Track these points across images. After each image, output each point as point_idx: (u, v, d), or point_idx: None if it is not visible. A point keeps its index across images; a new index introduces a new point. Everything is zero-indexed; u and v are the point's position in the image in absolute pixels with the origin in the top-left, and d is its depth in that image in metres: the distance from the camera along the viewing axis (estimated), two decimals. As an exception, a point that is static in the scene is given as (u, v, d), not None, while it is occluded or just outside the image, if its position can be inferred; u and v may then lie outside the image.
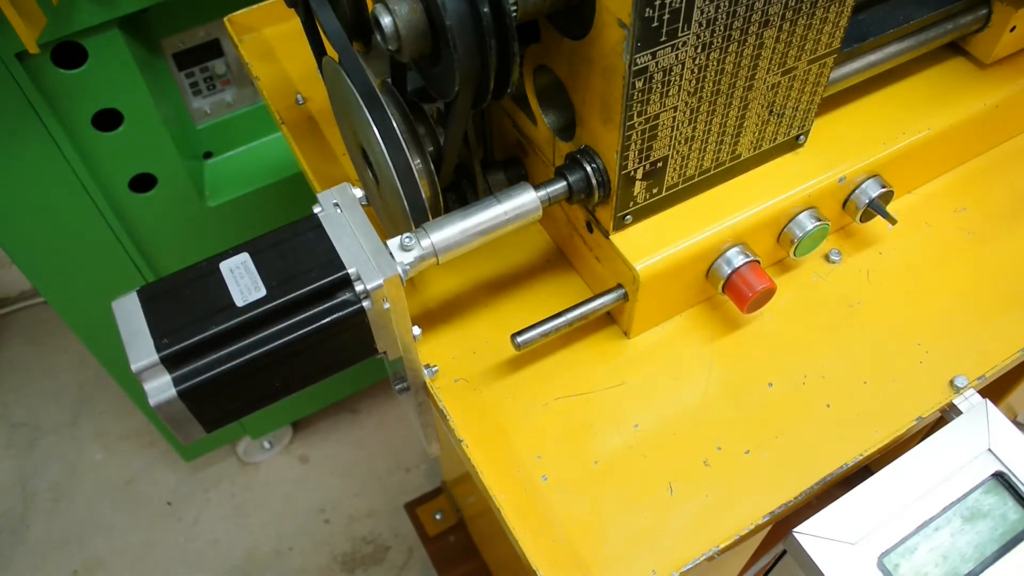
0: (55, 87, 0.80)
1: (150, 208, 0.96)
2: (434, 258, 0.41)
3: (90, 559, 1.40)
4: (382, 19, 0.37)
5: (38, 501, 1.47)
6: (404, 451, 1.50)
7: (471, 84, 0.38)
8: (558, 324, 0.46)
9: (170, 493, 1.47)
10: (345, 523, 1.43)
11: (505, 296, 0.52)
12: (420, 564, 1.37)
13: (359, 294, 0.38)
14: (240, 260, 0.38)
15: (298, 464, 1.50)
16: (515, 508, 0.42)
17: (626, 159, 0.41)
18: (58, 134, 0.82)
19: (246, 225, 1.04)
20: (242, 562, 1.40)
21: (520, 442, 0.45)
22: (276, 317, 0.37)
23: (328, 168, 0.60)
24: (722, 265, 0.47)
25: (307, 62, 0.64)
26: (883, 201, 0.50)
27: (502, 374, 0.48)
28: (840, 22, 0.43)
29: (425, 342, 0.49)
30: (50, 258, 0.94)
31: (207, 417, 0.38)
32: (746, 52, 0.40)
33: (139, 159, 0.91)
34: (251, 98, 1.00)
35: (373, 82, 0.42)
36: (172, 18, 0.87)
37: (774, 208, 0.47)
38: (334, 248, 0.38)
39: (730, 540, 0.41)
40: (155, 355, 0.35)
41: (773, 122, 0.46)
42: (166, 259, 1.04)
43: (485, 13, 0.35)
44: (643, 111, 0.39)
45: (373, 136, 0.41)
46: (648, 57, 0.37)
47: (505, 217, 0.43)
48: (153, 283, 0.38)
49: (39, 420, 1.56)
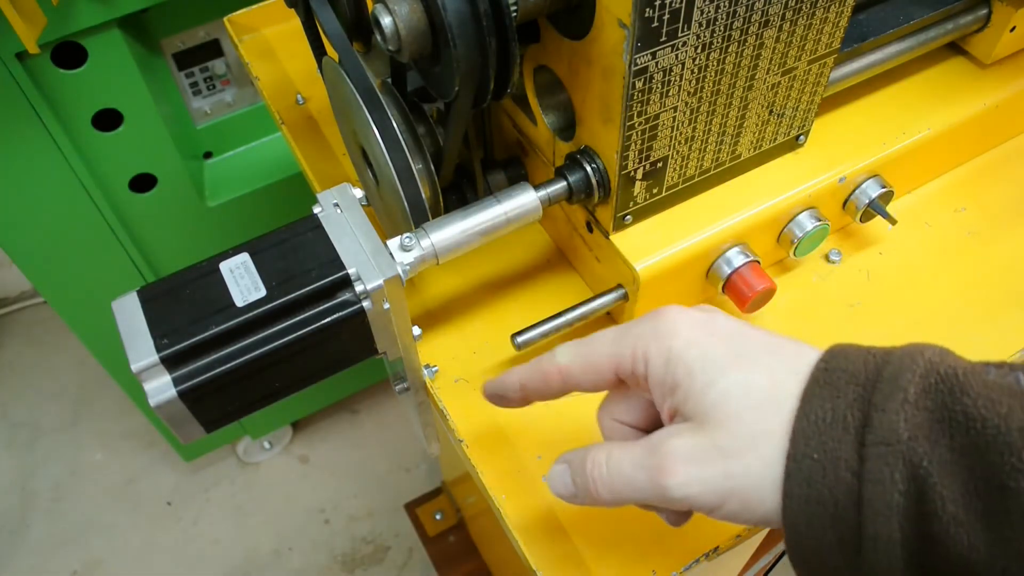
0: (55, 87, 0.80)
1: (150, 208, 0.96)
2: (434, 258, 0.41)
3: (90, 559, 1.40)
4: (382, 19, 0.37)
5: (38, 501, 1.47)
6: (404, 451, 1.50)
7: (471, 84, 0.38)
8: (558, 324, 0.46)
9: (170, 493, 1.47)
10: (345, 523, 1.43)
11: (505, 296, 0.52)
12: (420, 564, 1.37)
13: (359, 294, 0.38)
14: (240, 260, 0.38)
15: (298, 464, 1.50)
16: (515, 508, 0.42)
17: (626, 159, 0.41)
18: (58, 134, 0.82)
19: (246, 225, 1.04)
20: (242, 562, 1.40)
21: (520, 442, 0.45)
22: (276, 317, 0.37)
23: (328, 168, 0.60)
24: (722, 265, 0.47)
25: (307, 62, 0.64)
26: (883, 201, 0.50)
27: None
28: (840, 22, 0.43)
29: (425, 342, 0.49)
30: (50, 258, 0.94)
31: (207, 417, 0.38)
32: (746, 52, 0.40)
33: (139, 159, 0.91)
34: (251, 98, 1.00)
35: (373, 82, 0.42)
36: (172, 18, 0.87)
37: (774, 208, 0.47)
38: (334, 248, 0.38)
39: (730, 540, 0.41)
40: (155, 355, 0.35)
41: (773, 122, 0.46)
42: (166, 259, 1.04)
43: (485, 13, 0.35)
44: (643, 111, 0.39)
45: (373, 136, 0.41)
46: (648, 57, 0.37)
47: (505, 217, 0.43)
48: (153, 283, 0.38)
49: (39, 420, 1.56)
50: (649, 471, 0.30)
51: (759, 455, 0.29)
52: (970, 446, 0.26)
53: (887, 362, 0.28)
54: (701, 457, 0.30)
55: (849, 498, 0.27)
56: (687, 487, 0.30)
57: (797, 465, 0.28)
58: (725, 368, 0.30)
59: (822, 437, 0.28)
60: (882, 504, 0.26)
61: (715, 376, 0.30)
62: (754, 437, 0.29)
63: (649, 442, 0.31)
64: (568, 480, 0.34)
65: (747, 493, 0.29)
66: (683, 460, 0.30)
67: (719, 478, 0.29)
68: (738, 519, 0.30)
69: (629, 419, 0.36)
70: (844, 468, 0.27)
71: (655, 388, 0.32)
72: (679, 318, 0.32)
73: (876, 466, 0.26)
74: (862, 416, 0.27)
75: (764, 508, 0.29)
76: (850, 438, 0.27)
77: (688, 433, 0.30)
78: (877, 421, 0.27)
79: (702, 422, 0.30)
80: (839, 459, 0.27)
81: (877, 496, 0.26)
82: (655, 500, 0.31)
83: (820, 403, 0.28)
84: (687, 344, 0.31)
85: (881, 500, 0.26)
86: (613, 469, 0.32)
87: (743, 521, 0.30)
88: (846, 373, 0.29)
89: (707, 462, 0.29)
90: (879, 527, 0.26)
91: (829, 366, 0.29)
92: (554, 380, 0.35)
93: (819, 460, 0.28)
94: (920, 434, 0.26)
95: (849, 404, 0.28)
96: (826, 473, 0.27)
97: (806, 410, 0.28)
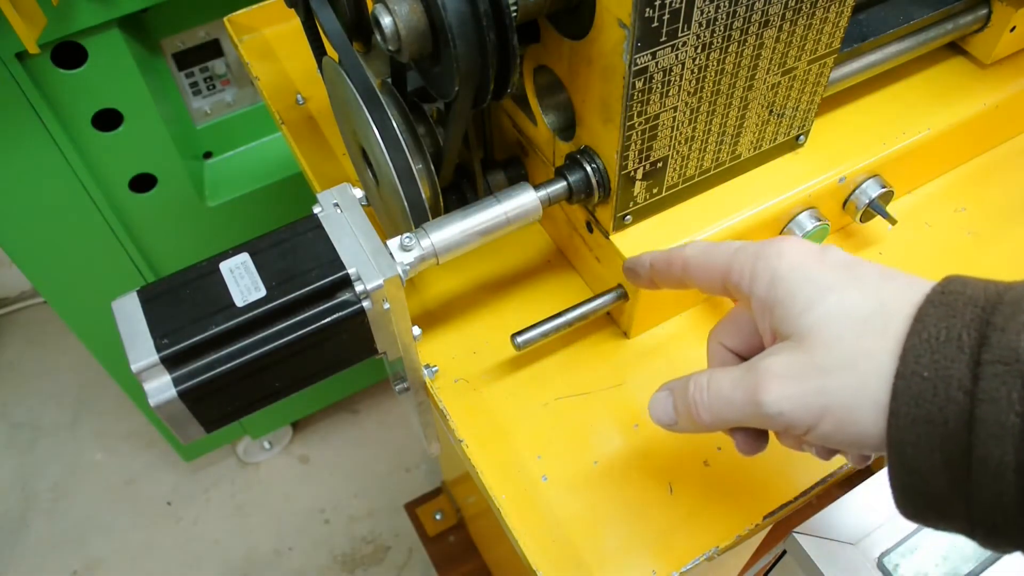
0: (55, 87, 0.80)
1: (150, 208, 0.96)
2: (434, 258, 0.41)
3: (90, 559, 1.40)
4: (382, 19, 0.37)
5: (38, 501, 1.47)
6: (404, 451, 1.50)
7: (471, 84, 0.38)
8: (558, 324, 0.46)
9: (170, 493, 1.47)
10: (345, 523, 1.43)
11: (505, 296, 0.52)
12: (420, 564, 1.37)
13: (359, 294, 0.38)
14: (240, 260, 0.38)
15: (298, 464, 1.50)
16: (515, 508, 0.42)
17: (626, 159, 0.41)
18: (58, 134, 0.82)
19: (246, 225, 1.04)
20: (242, 562, 1.40)
21: (520, 442, 0.45)
22: (276, 317, 0.37)
23: (328, 168, 0.60)
24: (722, 265, 0.47)
25: (307, 62, 0.64)
26: (883, 201, 0.50)
27: (502, 374, 0.48)
28: (840, 22, 0.43)
29: (425, 342, 0.49)
30: (50, 258, 0.94)
31: (207, 417, 0.38)
32: (746, 52, 0.40)
33: (139, 159, 0.91)
34: (251, 98, 1.00)
35: (373, 82, 0.42)
36: (172, 18, 0.87)
37: (774, 208, 0.47)
38: (334, 248, 0.38)
39: (730, 540, 0.41)
40: (155, 355, 0.35)
41: (773, 122, 0.46)
42: (166, 259, 1.04)
43: (485, 13, 0.35)
44: (643, 111, 0.39)
45: (373, 136, 0.41)
46: (648, 57, 0.37)
47: (505, 217, 0.43)
48: (153, 283, 0.38)
49: (39, 420, 1.56)
50: (746, 389, 0.31)
51: (858, 372, 0.28)
52: None
53: (1010, 288, 0.27)
54: (797, 373, 0.30)
55: (960, 418, 0.26)
56: (781, 403, 0.30)
57: (906, 383, 0.27)
58: (829, 289, 0.30)
59: (934, 355, 0.27)
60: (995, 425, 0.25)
61: (817, 297, 0.30)
62: (854, 355, 0.29)
63: (750, 362, 0.31)
64: (670, 406, 0.35)
65: (843, 411, 0.29)
66: (779, 376, 0.30)
67: (813, 394, 0.29)
68: (832, 440, 0.30)
69: (735, 344, 0.36)
70: (956, 387, 0.26)
71: (757, 308, 0.32)
72: (791, 244, 0.32)
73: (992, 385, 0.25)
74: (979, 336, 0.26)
75: (858, 428, 0.29)
76: (965, 357, 0.26)
77: (787, 351, 0.30)
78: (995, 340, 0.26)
79: (800, 340, 0.30)
80: (951, 377, 0.26)
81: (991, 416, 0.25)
82: (752, 419, 0.31)
83: (934, 322, 0.27)
84: (792, 267, 0.31)
85: (995, 420, 0.25)
86: (714, 390, 0.32)
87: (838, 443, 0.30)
88: (963, 296, 0.28)
89: (803, 378, 0.29)
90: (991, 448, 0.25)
91: (946, 289, 0.28)
92: (676, 267, 0.37)
93: (929, 378, 0.27)
94: None
95: (966, 324, 0.27)
96: (937, 392, 0.26)
97: (918, 328, 0.27)
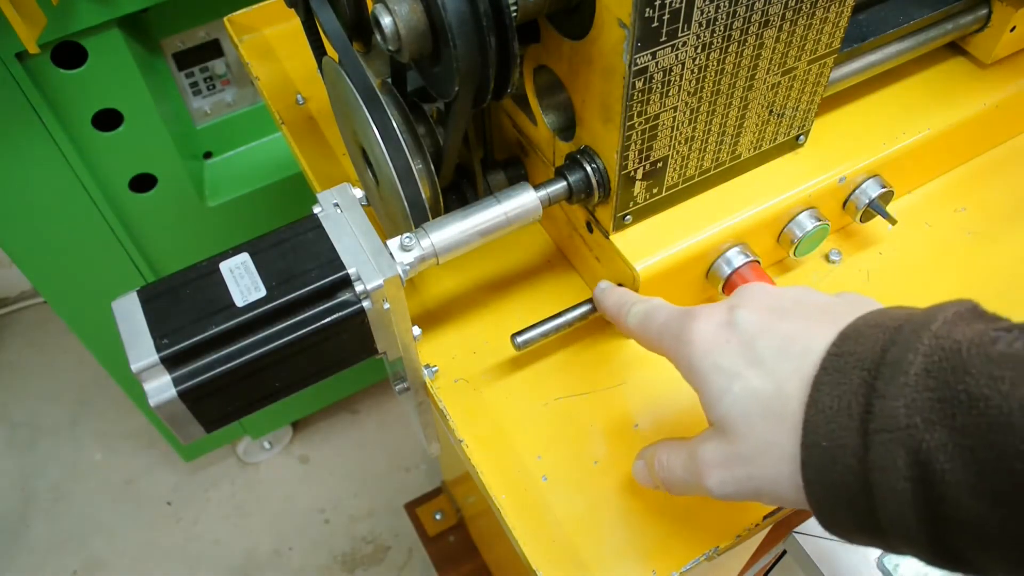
0: (55, 87, 0.80)
1: (150, 208, 0.96)
2: (434, 258, 0.41)
3: (90, 559, 1.40)
4: (382, 19, 0.37)
5: (38, 501, 1.47)
6: (404, 451, 1.50)
7: (471, 84, 0.38)
8: (558, 324, 0.46)
9: (170, 493, 1.47)
10: (345, 523, 1.43)
11: (505, 296, 0.52)
12: (420, 564, 1.37)
13: (359, 294, 0.38)
14: (240, 260, 0.38)
15: (298, 464, 1.50)
16: (515, 508, 0.42)
17: (626, 159, 0.41)
18: (58, 134, 0.82)
19: (246, 225, 1.04)
20: (242, 562, 1.40)
21: (520, 442, 0.45)
22: (276, 317, 0.37)
23: (328, 168, 0.60)
24: (722, 265, 0.47)
25: (307, 62, 0.64)
26: (883, 201, 0.50)
27: (502, 374, 0.48)
28: (840, 22, 0.43)
29: (425, 342, 0.49)
30: (50, 258, 0.94)
31: (207, 417, 0.38)
32: (746, 52, 0.40)
33: (139, 159, 0.91)
34: (251, 98, 1.00)
35: (373, 82, 0.42)
36: (172, 18, 0.87)
37: (774, 208, 0.47)
38: (334, 248, 0.38)
39: (730, 540, 0.41)
40: (155, 355, 0.35)
41: (773, 122, 0.46)
42: (166, 259, 1.04)
43: (485, 13, 0.35)
44: (643, 111, 0.39)
45: (373, 136, 0.41)
46: (648, 57, 0.37)
47: (505, 217, 0.43)
48: (153, 283, 0.38)
49: (39, 420, 1.56)
50: (693, 474, 0.34)
51: (772, 459, 0.31)
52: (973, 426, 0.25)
53: (894, 341, 0.28)
54: (727, 463, 0.32)
55: (860, 485, 0.27)
56: (724, 487, 0.33)
57: (809, 454, 0.29)
58: (735, 377, 0.32)
59: (830, 425, 0.28)
60: (889, 491, 0.26)
61: (725, 386, 0.32)
62: (765, 444, 0.31)
63: (691, 446, 0.34)
64: (647, 478, 0.39)
65: (772, 489, 0.31)
66: (714, 466, 0.33)
67: (744, 480, 0.32)
68: (779, 504, 0.32)
69: None
70: (851, 455, 0.27)
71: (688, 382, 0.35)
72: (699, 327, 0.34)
73: (879, 453, 0.27)
74: (865, 403, 0.27)
75: (790, 500, 0.31)
76: (855, 425, 0.28)
77: (714, 439, 0.33)
78: (878, 408, 0.27)
79: (722, 430, 0.32)
80: (846, 446, 0.28)
81: (884, 483, 0.27)
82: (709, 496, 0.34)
83: (828, 390, 0.29)
84: (703, 354, 0.33)
85: (888, 487, 0.26)
86: (670, 474, 0.36)
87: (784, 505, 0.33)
88: (853, 357, 0.29)
89: (733, 467, 0.32)
90: (891, 512, 0.27)
91: (840, 350, 0.29)
92: (624, 330, 0.40)
93: (828, 448, 0.28)
94: (920, 418, 0.26)
95: (854, 390, 0.28)
96: (835, 460, 0.28)
97: (815, 398, 0.29)
